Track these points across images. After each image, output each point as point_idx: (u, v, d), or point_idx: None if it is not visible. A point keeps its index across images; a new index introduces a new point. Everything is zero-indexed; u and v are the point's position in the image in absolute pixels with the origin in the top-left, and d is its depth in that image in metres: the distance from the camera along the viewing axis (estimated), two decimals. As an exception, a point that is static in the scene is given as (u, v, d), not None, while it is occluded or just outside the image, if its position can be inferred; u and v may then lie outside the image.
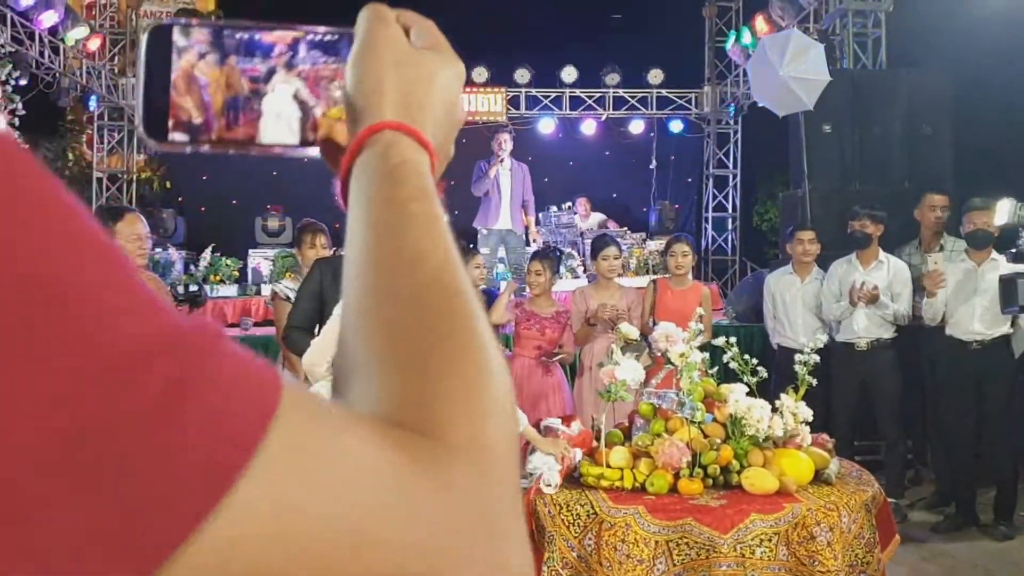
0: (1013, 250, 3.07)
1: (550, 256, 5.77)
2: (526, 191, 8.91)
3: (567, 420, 3.48)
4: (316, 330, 3.88)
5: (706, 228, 12.03)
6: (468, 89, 11.06)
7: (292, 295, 4.58)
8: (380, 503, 0.41)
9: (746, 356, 3.61)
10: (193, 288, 6.22)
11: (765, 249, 11.49)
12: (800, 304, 6.04)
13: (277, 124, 0.69)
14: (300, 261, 5.13)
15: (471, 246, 7.12)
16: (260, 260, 8.27)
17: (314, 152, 0.68)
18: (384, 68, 0.61)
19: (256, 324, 7.23)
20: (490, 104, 11.16)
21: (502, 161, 8.66)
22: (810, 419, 3.41)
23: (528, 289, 5.52)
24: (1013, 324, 5.28)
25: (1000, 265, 5.06)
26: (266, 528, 0.38)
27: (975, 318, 5.22)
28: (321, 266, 4.26)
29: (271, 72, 0.68)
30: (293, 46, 0.69)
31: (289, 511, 0.38)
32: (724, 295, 9.49)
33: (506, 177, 8.72)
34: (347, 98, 0.63)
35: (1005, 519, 5.29)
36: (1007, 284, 2.87)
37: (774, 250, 10.15)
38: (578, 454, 3.28)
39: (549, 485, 3.12)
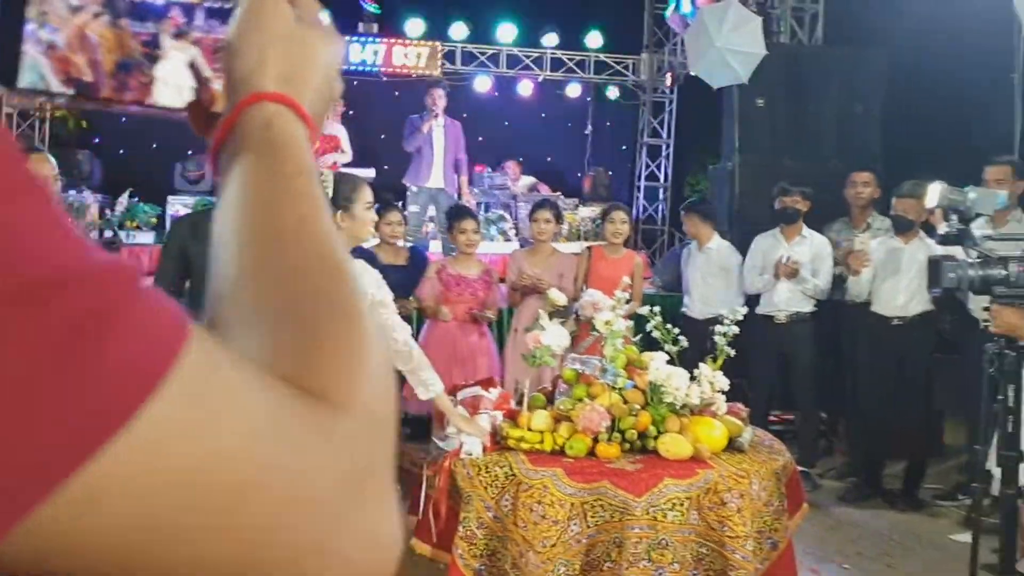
0: (943, 232, 3.15)
1: (475, 214, 5.75)
2: (459, 150, 8.75)
3: (487, 384, 3.48)
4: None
5: (638, 197, 12.10)
6: (402, 41, 10.87)
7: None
8: (263, 452, 0.42)
9: (668, 325, 3.65)
10: (108, 234, 6.02)
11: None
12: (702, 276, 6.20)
13: (168, 90, 0.68)
14: None
15: (399, 203, 7.05)
16: (179, 207, 8.01)
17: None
18: (268, 40, 0.62)
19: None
20: (424, 58, 10.96)
21: (436, 117, 8.53)
22: (727, 388, 3.47)
23: (458, 249, 5.48)
24: (934, 301, 5.45)
25: (927, 246, 5.18)
26: (153, 465, 0.38)
27: (899, 295, 5.37)
28: (179, 225, 4.11)
29: (166, 37, 0.68)
30: (189, 12, 0.69)
31: (176, 452, 0.39)
32: (652, 264, 9.58)
33: (439, 134, 8.57)
34: (227, 68, 0.63)
35: (912, 491, 5.49)
36: (934, 266, 2.94)
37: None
38: (498, 416, 3.28)
39: (469, 454, 3.13)
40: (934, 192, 2.99)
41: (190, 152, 9.12)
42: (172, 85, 0.68)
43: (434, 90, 8.66)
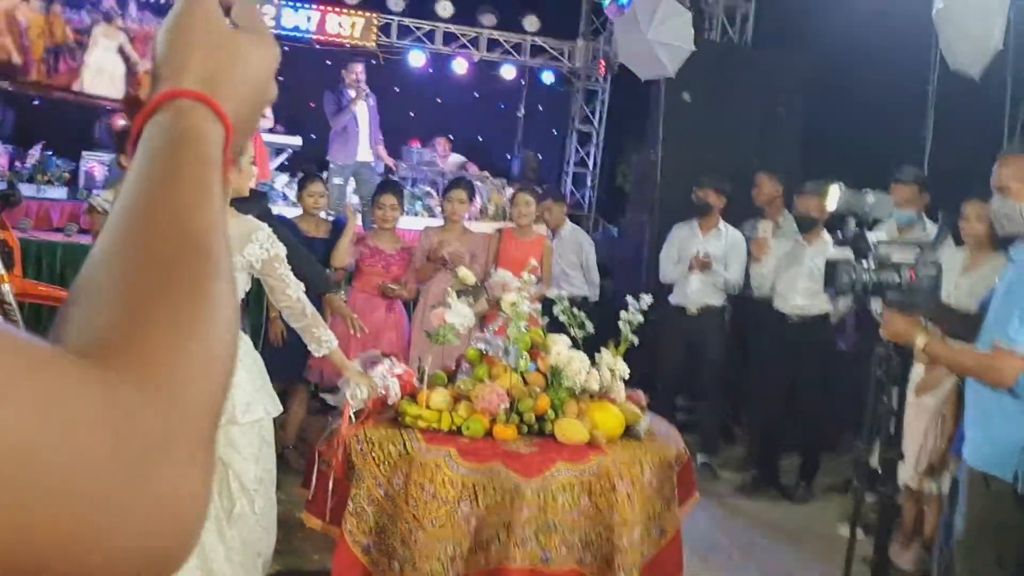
0: (840, 234, 3.23)
1: (399, 189, 5.71)
2: (376, 123, 8.69)
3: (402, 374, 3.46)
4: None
5: (566, 182, 12.16)
6: (337, 9, 10.69)
7: (110, 208, 4.34)
8: (49, 425, 0.45)
9: (575, 309, 3.68)
10: (3, 186, 5.80)
11: (623, 208, 11.75)
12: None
13: (101, 79, 0.68)
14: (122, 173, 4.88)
15: (322, 174, 6.96)
16: (95, 164, 7.76)
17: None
18: (193, 41, 0.64)
19: (81, 231, 6.84)
20: (359, 28, 10.79)
21: (364, 94, 8.43)
22: (627, 375, 3.52)
23: (376, 223, 5.43)
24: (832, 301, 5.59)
25: (827, 247, 5.33)
26: None
27: (797, 293, 5.50)
28: None
29: (97, 24, 0.67)
30: (122, 3, 0.68)
31: None
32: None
33: (363, 109, 8.49)
34: (154, 67, 0.65)
35: (806, 483, 5.65)
36: (830, 267, 3.01)
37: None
38: (395, 384, 3.27)
39: (356, 399, 3.12)
40: (834, 194, 3.06)
41: (108, 107, 8.84)
42: (105, 73, 0.68)
43: (354, 65, 8.53)
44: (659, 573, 3.20)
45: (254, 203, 3.89)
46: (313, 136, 9.46)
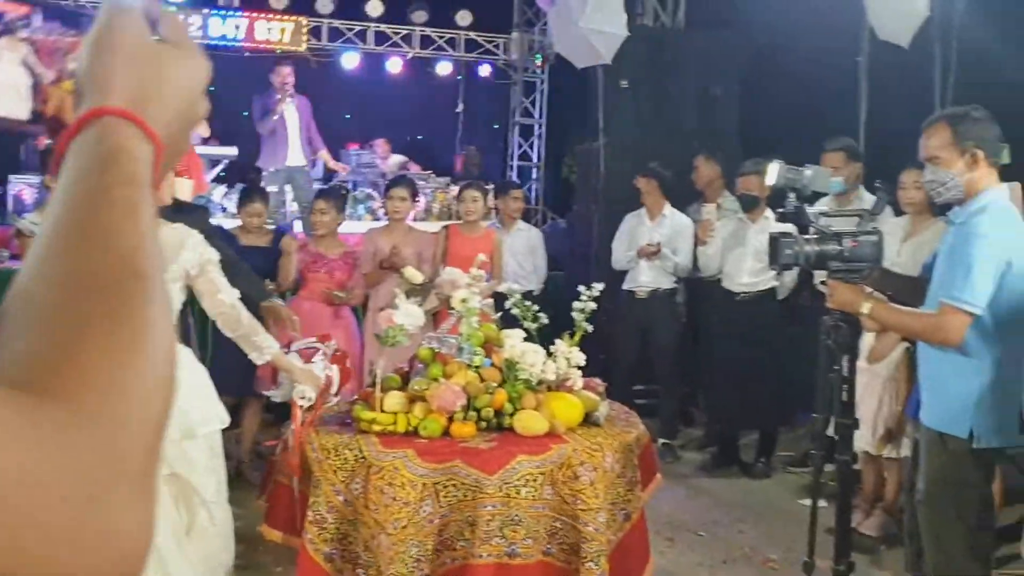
0: (781, 210, 3.25)
1: (336, 194, 5.64)
2: (312, 126, 8.51)
3: (340, 359, 3.41)
4: None
5: (511, 176, 12.14)
6: (265, 15, 10.53)
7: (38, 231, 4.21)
8: None
9: (527, 303, 3.66)
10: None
11: (571, 199, 11.77)
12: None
13: (5, 95, 0.65)
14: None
15: (262, 187, 6.84)
16: (23, 187, 7.51)
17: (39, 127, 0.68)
18: (118, 57, 0.62)
19: (13, 257, 6.64)
20: (288, 33, 10.63)
21: (290, 97, 8.29)
22: (583, 364, 3.51)
23: (313, 228, 5.36)
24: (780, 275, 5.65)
25: (770, 224, 5.37)
26: None
27: (743, 271, 5.54)
28: None
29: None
30: (26, 15, 0.65)
31: None
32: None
33: (292, 113, 8.32)
34: (78, 81, 0.63)
35: (765, 459, 5.71)
36: (773, 243, 3.03)
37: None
38: (335, 372, 3.22)
39: (305, 398, 3.07)
40: (772, 171, 3.08)
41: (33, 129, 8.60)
42: (11, 90, 0.64)
43: (282, 68, 8.37)
44: (626, 557, 3.20)
45: (195, 217, 3.81)
46: (249, 145, 9.31)
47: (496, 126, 12.61)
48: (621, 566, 3.14)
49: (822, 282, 3.18)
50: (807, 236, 2.97)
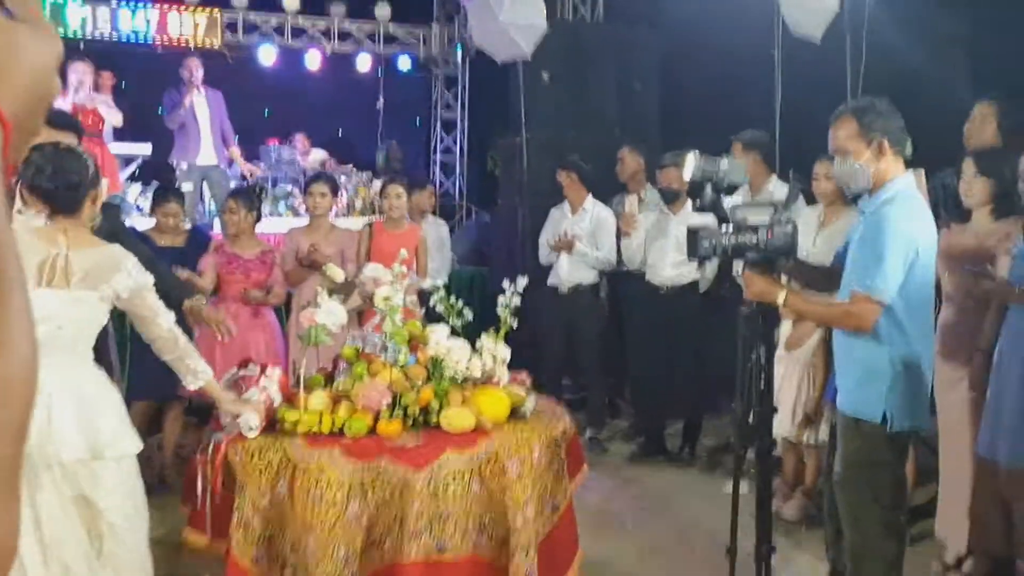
0: (698, 202, 3.30)
1: (246, 194, 5.55)
2: (224, 120, 8.27)
3: (263, 369, 3.34)
4: None
5: (434, 171, 12.09)
6: (177, 7, 10.27)
7: None
8: None
9: (453, 298, 3.65)
10: None
11: (494, 193, 11.77)
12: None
13: None
14: None
15: (176, 186, 6.68)
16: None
17: None
18: None
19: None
20: (203, 27, 10.37)
21: (196, 89, 8.02)
22: (508, 359, 3.52)
23: (226, 228, 5.24)
24: (701, 267, 5.75)
25: (691, 216, 5.46)
26: None
27: (666, 264, 5.62)
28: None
29: None
30: None
31: None
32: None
33: (202, 107, 8.08)
34: None
35: (690, 447, 5.81)
36: (691, 235, 3.08)
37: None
38: (274, 387, 3.17)
39: (252, 428, 3.01)
40: (689, 163, 3.13)
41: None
42: None
43: (189, 61, 8.14)
44: (555, 548, 3.22)
45: (107, 216, 3.69)
46: (164, 143, 9.09)
47: (418, 121, 12.53)
48: (550, 557, 3.17)
49: (739, 273, 3.24)
50: (724, 228, 3.02)
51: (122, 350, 4.52)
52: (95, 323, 2.88)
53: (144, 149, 9.05)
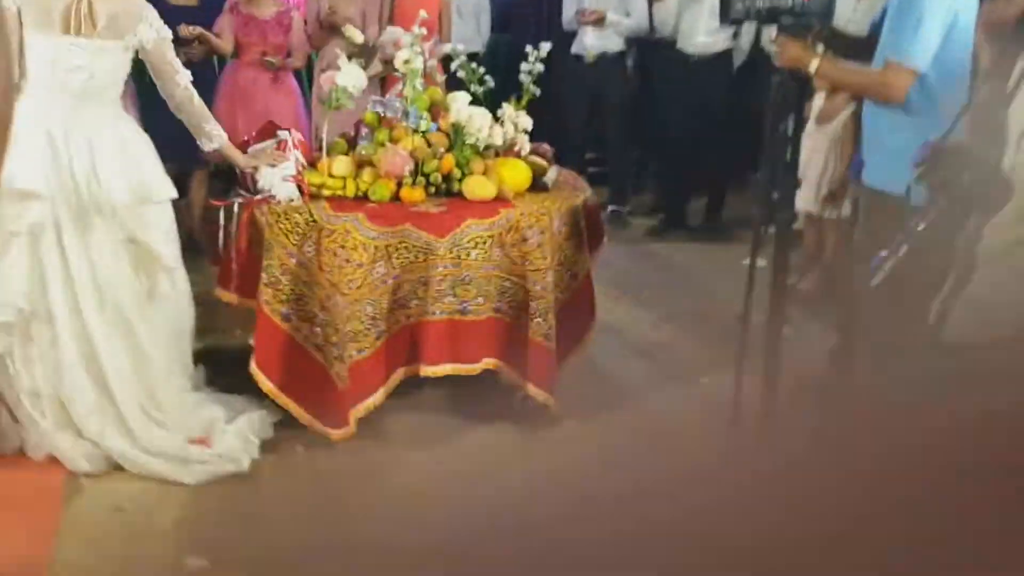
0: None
1: None
2: None
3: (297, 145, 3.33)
4: None
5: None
6: None
7: None
8: None
9: (474, 64, 3.57)
10: None
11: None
12: None
13: None
14: None
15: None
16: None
17: None
18: None
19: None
20: None
21: None
22: (529, 128, 3.48)
23: None
24: (736, 37, 5.55)
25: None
26: None
27: (699, 30, 5.42)
28: None
29: None
30: None
31: None
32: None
33: None
34: None
35: (712, 220, 5.83)
36: (723, -2, 2.95)
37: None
38: (298, 154, 3.19)
39: (291, 200, 3.06)
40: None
41: None
42: None
43: None
44: (573, 313, 3.33)
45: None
46: None
47: None
48: (567, 322, 3.28)
49: (772, 40, 3.12)
50: (758, -10, 2.88)
51: (142, 113, 4.50)
52: (121, 72, 2.92)
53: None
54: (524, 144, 3.47)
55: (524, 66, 3.54)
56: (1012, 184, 2.23)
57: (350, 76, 3.16)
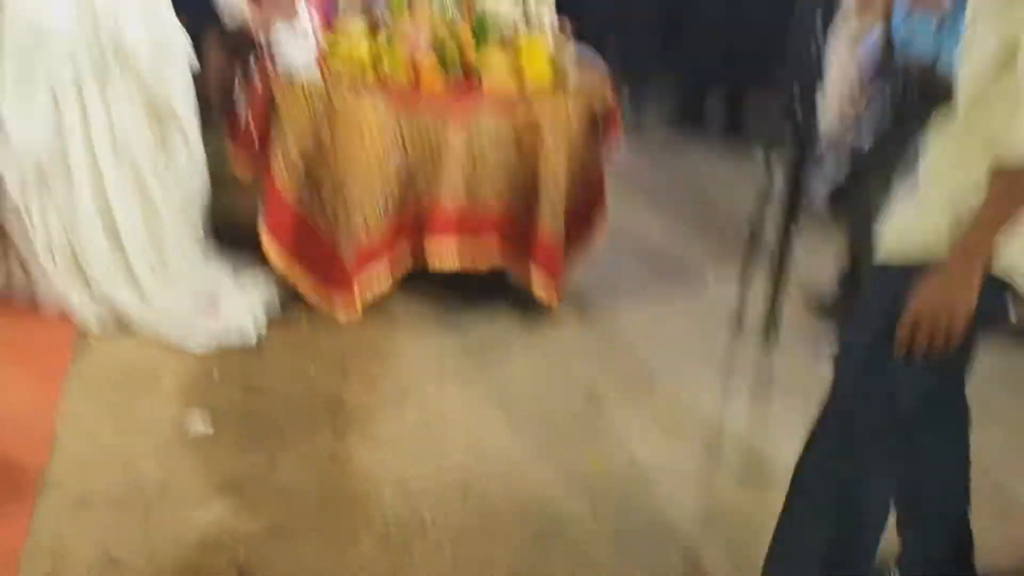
0: None
1: None
2: None
3: None
4: None
5: None
6: None
7: None
8: None
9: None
10: None
11: None
12: None
13: None
14: None
15: None
16: None
17: None
18: None
19: None
20: None
21: None
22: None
23: None
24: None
25: None
26: None
27: None
28: None
29: None
30: None
31: None
32: None
33: None
34: None
35: (731, 120, 5.70)
36: None
37: None
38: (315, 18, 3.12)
39: (307, 67, 3.02)
40: None
41: None
42: None
43: None
44: (582, 213, 3.34)
45: None
46: None
47: None
48: (576, 221, 3.29)
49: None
50: None
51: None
52: None
53: None
54: (548, 19, 3.36)
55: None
56: None
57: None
